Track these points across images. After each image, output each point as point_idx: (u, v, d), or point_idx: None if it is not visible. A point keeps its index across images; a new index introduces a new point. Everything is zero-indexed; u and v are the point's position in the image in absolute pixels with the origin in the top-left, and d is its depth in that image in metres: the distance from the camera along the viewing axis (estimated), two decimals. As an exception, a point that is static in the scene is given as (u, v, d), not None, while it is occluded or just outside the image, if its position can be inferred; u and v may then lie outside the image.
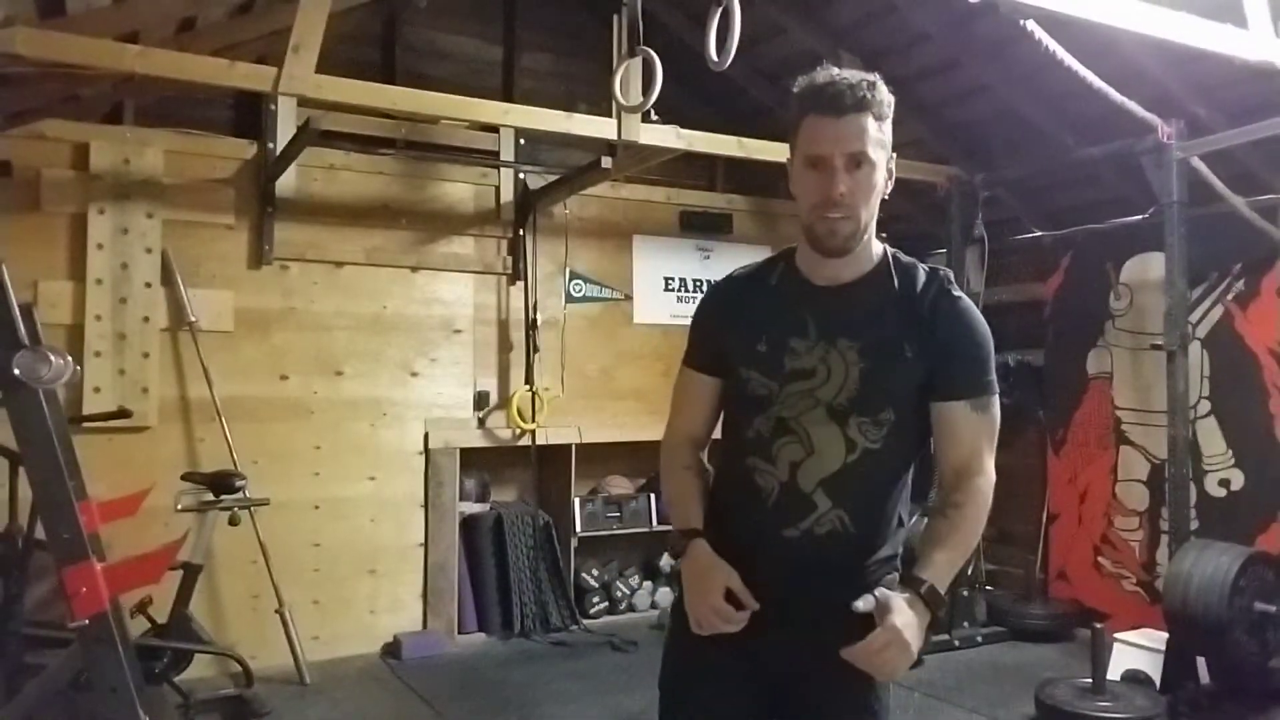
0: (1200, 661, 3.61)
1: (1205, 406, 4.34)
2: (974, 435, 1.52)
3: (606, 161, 4.20)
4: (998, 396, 1.55)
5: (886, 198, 1.53)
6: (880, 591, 1.40)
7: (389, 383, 4.59)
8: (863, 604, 1.38)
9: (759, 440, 1.52)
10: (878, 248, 1.57)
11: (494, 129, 4.75)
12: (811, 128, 1.46)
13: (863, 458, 1.48)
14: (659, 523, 5.10)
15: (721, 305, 1.66)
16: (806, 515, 1.49)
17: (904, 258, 1.58)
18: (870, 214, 1.50)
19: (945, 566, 1.44)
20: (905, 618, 1.36)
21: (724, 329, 1.61)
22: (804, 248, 1.56)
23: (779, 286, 1.59)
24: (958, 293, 1.54)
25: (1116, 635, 3.94)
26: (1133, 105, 3.71)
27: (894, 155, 1.52)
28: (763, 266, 1.65)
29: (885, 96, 1.47)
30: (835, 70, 1.49)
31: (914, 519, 1.76)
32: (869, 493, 1.51)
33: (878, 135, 1.46)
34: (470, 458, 4.82)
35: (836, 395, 1.48)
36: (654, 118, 3.73)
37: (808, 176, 1.48)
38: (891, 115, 1.50)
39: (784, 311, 1.55)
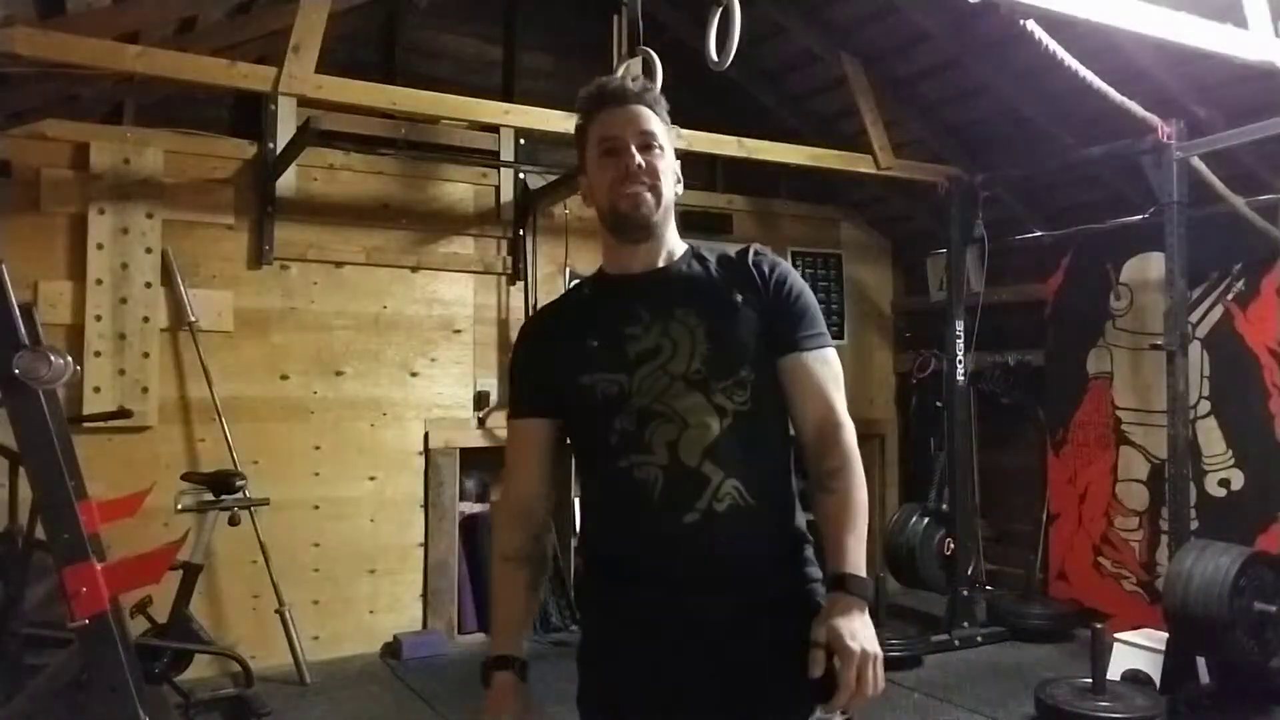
0: (1200, 661, 3.61)
1: (1205, 406, 4.34)
2: (823, 384, 1.47)
3: (606, 161, 4.20)
4: (833, 348, 1.53)
5: (678, 195, 1.53)
6: (814, 632, 1.30)
7: (389, 383, 4.59)
8: (816, 669, 1.29)
9: (626, 437, 1.42)
10: (682, 243, 1.56)
11: (494, 129, 4.75)
12: (602, 120, 1.51)
13: (737, 421, 1.41)
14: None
15: (538, 339, 1.60)
16: (701, 492, 1.38)
17: (709, 245, 1.60)
18: (669, 195, 1.50)
19: (856, 547, 1.39)
20: (854, 628, 1.29)
21: (548, 357, 1.53)
22: (609, 249, 1.55)
23: (593, 296, 1.57)
24: (775, 256, 1.55)
25: (1116, 635, 3.93)
26: (1133, 105, 3.71)
27: (679, 163, 1.55)
28: (569, 291, 1.67)
29: (663, 99, 1.54)
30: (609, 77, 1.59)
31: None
32: (756, 457, 1.43)
33: (663, 130, 1.51)
34: (470, 458, 4.82)
35: (689, 364, 1.42)
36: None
37: (604, 163, 1.49)
38: (668, 122, 1.54)
39: (608, 310, 1.50)
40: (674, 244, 1.54)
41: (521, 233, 4.90)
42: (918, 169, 4.89)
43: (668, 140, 1.52)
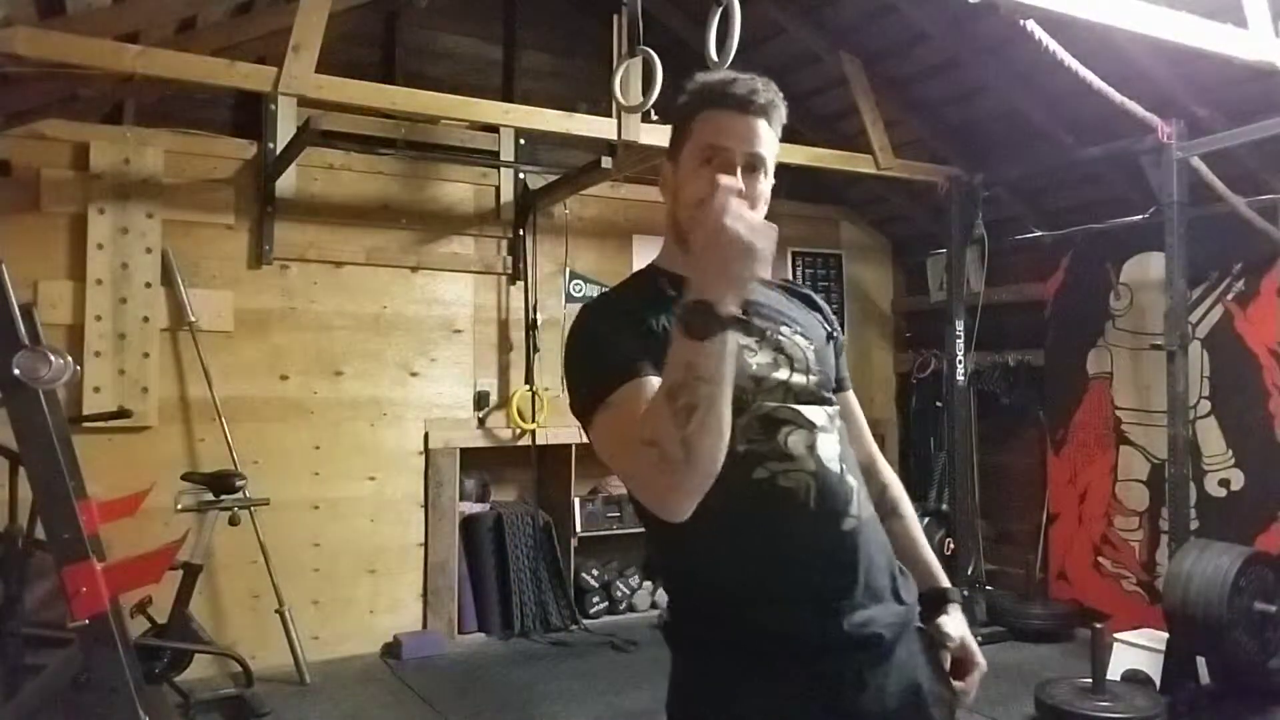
0: (1200, 661, 3.61)
1: (1205, 406, 4.34)
2: (865, 424, 1.61)
3: (606, 161, 4.20)
4: None
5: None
6: (939, 634, 1.46)
7: (389, 383, 4.59)
8: (958, 674, 1.46)
9: (756, 445, 1.29)
10: None
11: (494, 129, 4.75)
12: (712, 120, 1.34)
13: (842, 435, 1.40)
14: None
15: (629, 313, 1.34)
16: (851, 498, 1.31)
17: None
18: None
19: (939, 564, 1.55)
20: (971, 638, 1.47)
21: (649, 335, 1.29)
22: (680, 256, 1.36)
23: (681, 296, 1.29)
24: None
25: (1116, 635, 3.94)
26: (1133, 105, 3.71)
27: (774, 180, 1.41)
28: (640, 281, 1.44)
29: (785, 110, 1.38)
30: (742, 74, 1.39)
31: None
32: (857, 467, 1.42)
33: (773, 147, 1.37)
34: (470, 458, 4.82)
35: (806, 379, 1.38)
36: (654, 118, 3.72)
37: (700, 174, 1.32)
38: (778, 139, 1.40)
39: None
40: None
41: (521, 233, 4.91)
42: (918, 169, 4.89)
43: (774, 159, 1.38)
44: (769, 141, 1.36)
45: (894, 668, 1.33)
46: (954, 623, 1.47)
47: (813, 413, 1.35)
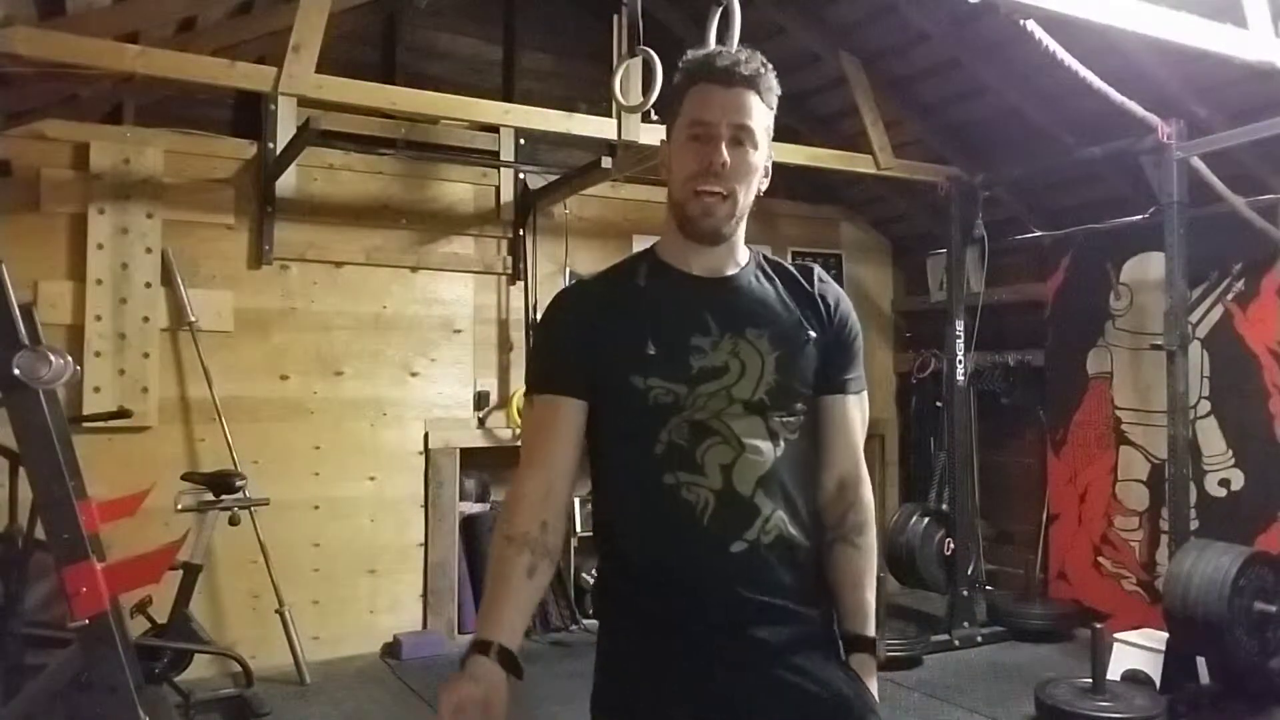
0: (1200, 661, 3.61)
1: (1205, 406, 4.34)
2: (857, 436, 1.45)
3: (606, 161, 4.20)
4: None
5: (761, 193, 1.44)
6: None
7: (389, 383, 4.59)
8: None
9: (675, 451, 1.33)
10: (746, 247, 1.48)
11: (494, 129, 4.75)
12: (699, 95, 1.37)
13: (787, 451, 1.37)
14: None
15: (584, 314, 1.43)
16: (751, 523, 1.33)
17: (770, 256, 1.52)
18: (746, 201, 1.40)
19: (873, 607, 1.43)
20: (876, 696, 1.40)
21: (595, 340, 1.39)
22: (672, 240, 1.44)
23: (651, 285, 1.43)
24: (835, 284, 1.50)
25: (1116, 635, 3.94)
26: (1133, 105, 3.71)
27: (771, 155, 1.44)
28: (620, 269, 1.49)
29: (776, 84, 1.40)
30: (729, 49, 1.43)
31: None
32: (800, 490, 1.39)
33: (764, 119, 1.38)
34: (470, 458, 4.82)
35: (754, 391, 1.36)
36: (654, 118, 3.73)
37: (688, 148, 1.37)
38: (775, 109, 1.42)
39: (672, 309, 1.40)
40: (741, 249, 1.46)
41: (521, 233, 4.91)
42: (918, 169, 4.89)
43: (765, 132, 1.39)
44: (757, 113, 1.37)
45: (772, 677, 1.35)
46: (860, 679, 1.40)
47: (747, 426, 1.35)
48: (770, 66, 1.40)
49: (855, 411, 1.46)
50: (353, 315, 4.52)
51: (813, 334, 1.42)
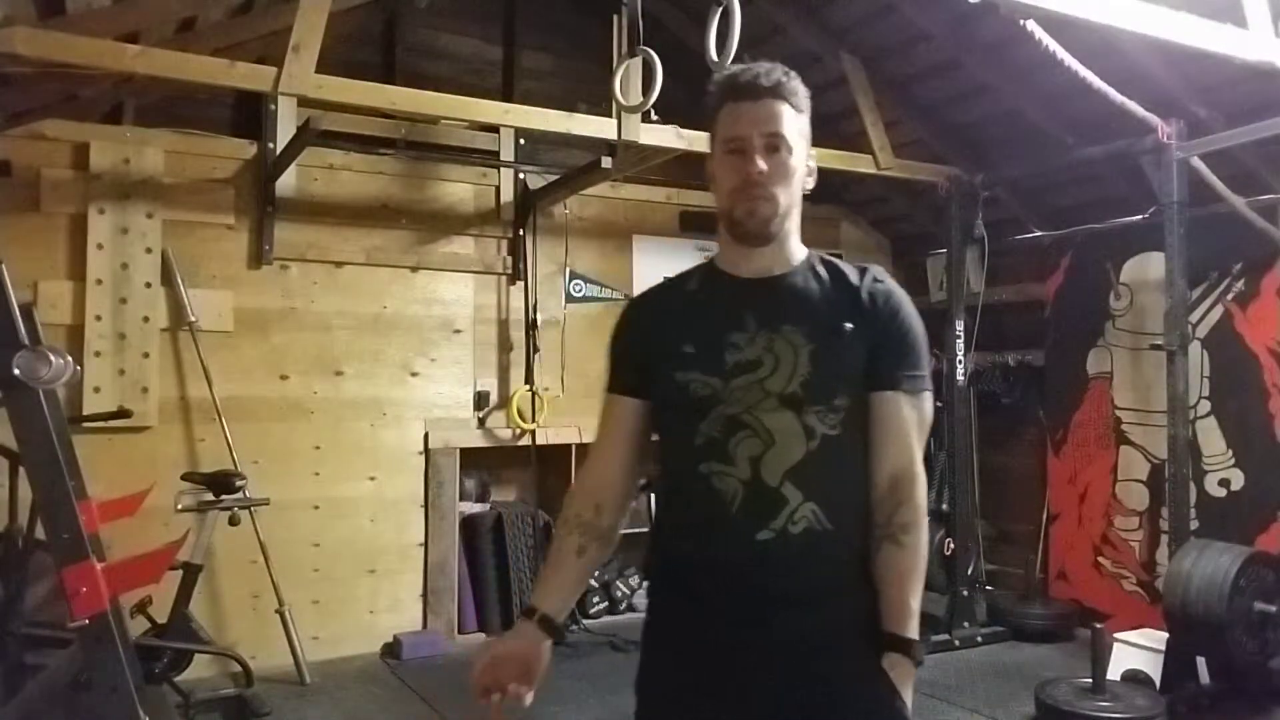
0: (1200, 661, 3.61)
1: (1205, 406, 4.34)
2: (908, 434, 1.44)
3: (606, 161, 4.21)
4: (931, 392, 1.49)
5: (808, 192, 1.50)
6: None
7: (389, 383, 4.59)
8: None
9: (711, 443, 1.41)
10: (803, 248, 1.53)
11: (494, 129, 4.76)
12: (729, 114, 1.46)
13: (824, 444, 1.40)
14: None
15: (637, 320, 1.59)
16: (777, 512, 1.38)
17: (829, 257, 1.55)
18: (790, 201, 1.46)
19: (916, 610, 1.42)
20: (907, 700, 1.38)
21: (644, 341, 1.53)
22: (725, 245, 1.52)
23: (701, 289, 1.53)
24: (894, 283, 1.52)
25: (1116, 635, 3.94)
26: (1133, 105, 3.71)
27: (814, 154, 1.51)
28: (677, 278, 1.59)
29: (801, 89, 1.47)
30: (752, 64, 1.50)
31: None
32: (839, 483, 1.42)
33: (795, 123, 1.45)
34: (470, 458, 4.82)
35: (788, 384, 1.40)
36: (654, 118, 3.73)
37: (726, 162, 1.46)
38: (809, 112, 1.49)
39: (713, 310, 1.48)
40: (793, 250, 1.51)
41: (521, 233, 4.91)
42: (918, 169, 4.89)
43: (800, 136, 1.46)
44: (787, 119, 1.44)
45: (789, 668, 1.39)
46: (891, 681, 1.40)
47: (779, 419, 1.40)
48: (793, 74, 1.47)
49: (906, 409, 1.45)
50: (353, 315, 4.52)
51: (850, 326, 1.44)
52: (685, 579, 1.47)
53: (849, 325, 1.43)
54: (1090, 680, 3.57)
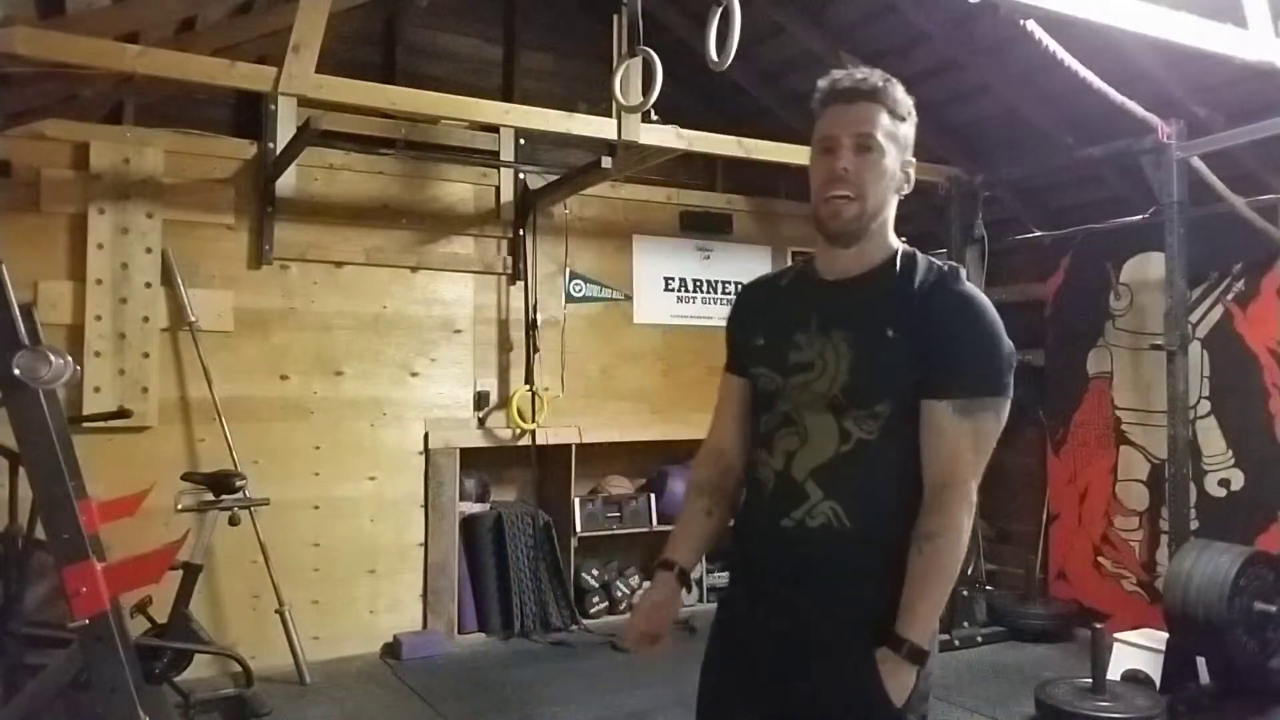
0: (1200, 661, 3.61)
1: (1205, 406, 4.34)
2: (954, 443, 1.43)
3: (606, 161, 4.21)
4: (1002, 401, 1.47)
5: (902, 196, 1.55)
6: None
7: (389, 383, 4.59)
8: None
9: (766, 434, 1.55)
10: (894, 245, 1.55)
11: (494, 129, 4.76)
12: (828, 116, 1.52)
13: (857, 449, 1.44)
14: (659, 523, 5.10)
15: (739, 307, 1.74)
16: (799, 505, 1.48)
17: (915, 253, 1.54)
18: (878, 201, 1.50)
19: (927, 618, 1.42)
20: (894, 687, 1.39)
21: (738, 330, 1.69)
22: (819, 246, 1.58)
23: (789, 286, 1.64)
24: (963, 286, 1.49)
25: (1116, 635, 3.94)
26: (1133, 105, 3.71)
27: (913, 161, 1.56)
28: (779, 271, 1.74)
29: (901, 95, 1.52)
30: (853, 69, 1.56)
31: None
32: (866, 487, 1.45)
33: (889, 127, 1.49)
34: (470, 458, 4.82)
35: (830, 387, 1.47)
36: (654, 118, 3.73)
37: (818, 161, 1.52)
38: (911, 119, 1.54)
39: (790, 309, 1.57)
40: (879, 251, 1.53)
41: (521, 233, 4.91)
42: (918, 169, 4.88)
43: (893, 139, 1.50)
44: (880, 121, 1.49)
45: (797, 650, 1.48)
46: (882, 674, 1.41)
47: (817, 420, 1.49)
48: (894, 81, 1.53)
49: (953, 419, 1.43)
50: (353, 315, 4.52)
51: (891, 334, 1.45)
52: (738, 557, 1.62)
53: (891, 333, 1.45)
54: (1090, 680, 3.57)
